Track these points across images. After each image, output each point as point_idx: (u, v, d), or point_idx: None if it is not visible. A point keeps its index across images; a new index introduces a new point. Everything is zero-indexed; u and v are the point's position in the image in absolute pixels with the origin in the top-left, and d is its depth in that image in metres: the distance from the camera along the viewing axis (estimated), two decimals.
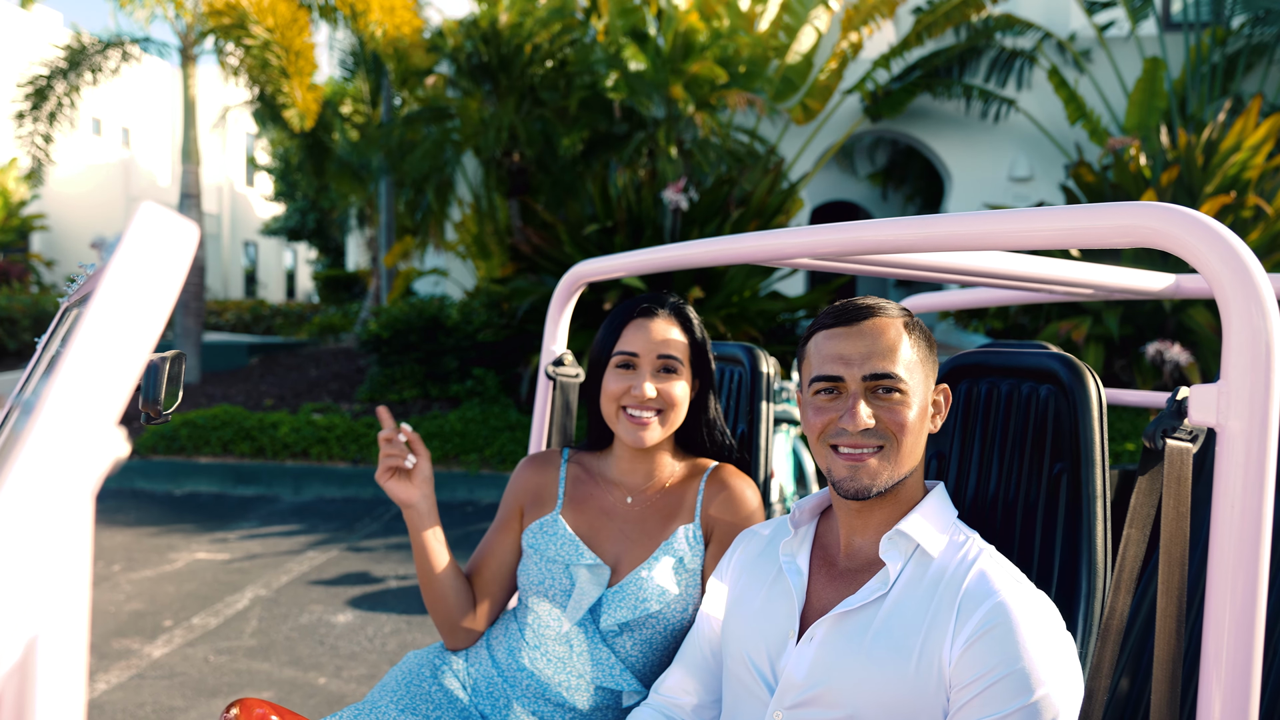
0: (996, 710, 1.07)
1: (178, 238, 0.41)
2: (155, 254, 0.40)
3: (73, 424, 0.37)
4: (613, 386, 1.57)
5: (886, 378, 1.18)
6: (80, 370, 0.37)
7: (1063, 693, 1.07)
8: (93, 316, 0.38)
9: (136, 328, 0.38)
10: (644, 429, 1.55)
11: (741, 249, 1.47)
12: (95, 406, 0.37)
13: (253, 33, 8.81)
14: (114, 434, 0.39)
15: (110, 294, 0.38)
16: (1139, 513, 0.96)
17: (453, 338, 8.95)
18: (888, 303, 1.24)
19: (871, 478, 1.18)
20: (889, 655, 1.14)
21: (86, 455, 0.37)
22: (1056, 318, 7.76)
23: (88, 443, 0.37)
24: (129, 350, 0.38)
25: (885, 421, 1.19)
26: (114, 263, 0.39)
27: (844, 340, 1.21)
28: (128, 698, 3.45)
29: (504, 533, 1.68)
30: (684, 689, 1.41)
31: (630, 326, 1.58)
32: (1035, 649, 1.07)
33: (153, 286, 0.39)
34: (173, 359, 0.98)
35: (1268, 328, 0.88)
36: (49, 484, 0.36)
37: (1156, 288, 1.92)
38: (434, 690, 1.59)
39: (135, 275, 0.39)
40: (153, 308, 0.39)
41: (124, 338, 0.38)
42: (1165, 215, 0.93)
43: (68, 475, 0.36)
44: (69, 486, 0.36)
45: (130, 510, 6.68)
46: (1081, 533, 1.23)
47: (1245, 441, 0.88)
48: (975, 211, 1.13)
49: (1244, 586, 0.88)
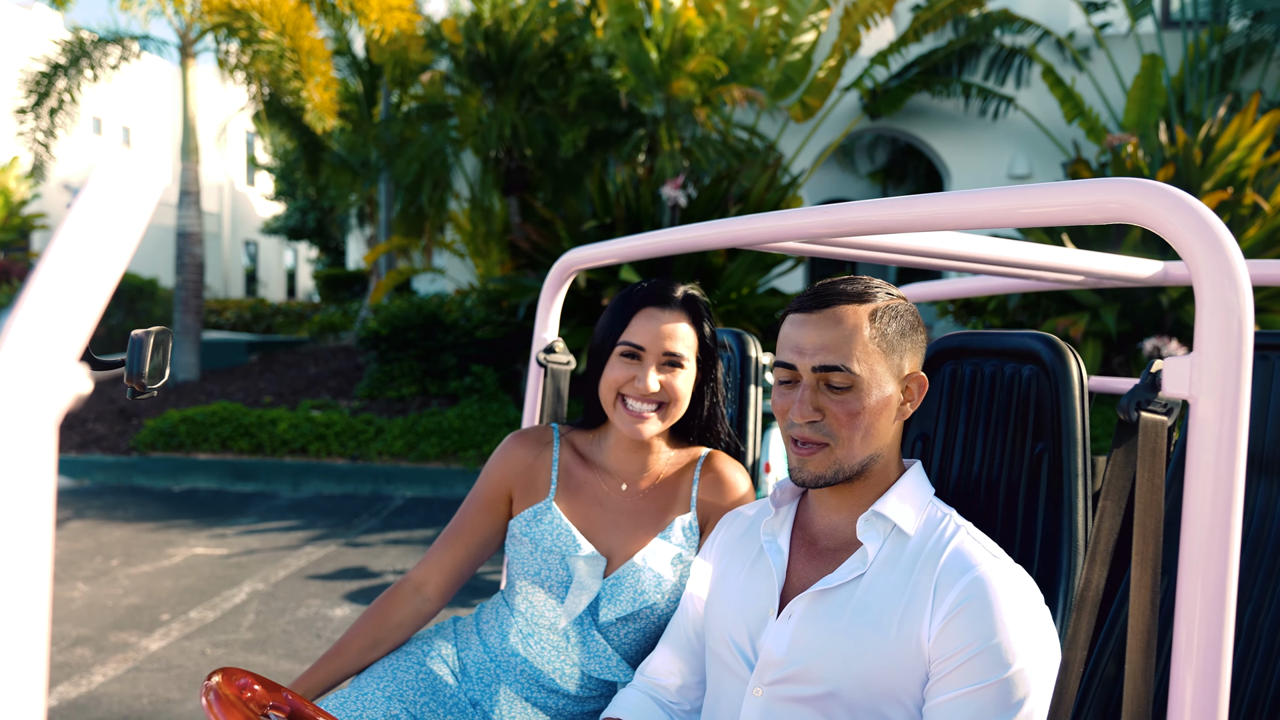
0: (974, 683, 1.08)
1: (141, 181, 0.42)
2: (119, 194, 0.41)
3: (34, 355, 0.38)
4: (615, 374, 1.51)
5: (835, 370, 1.17)
6: (42, 304, 0.38)
7: (1040, 666, 1.08)
8: (55, 252, 0.38)
9: (99, 263, 0.39)
10: (642, 422, 1.50)
11: (730, 231, 1.47)
12: (57, 340, 0.38)
13: (260, 36, 8.81)
14: (75, 369, 0.39)
15: (73, 230, 0.39)
16: (1114, 485, 0.97)
17: (451, 335, 8.96)
18: (865, 285, 1.22)
19: (817, 468, 1.19)
20: (867, 631, 1.15)
21: (48, 387, 0.38)
22: (1055, 314, 7.77)
23: (49, 375, 0.38)
24: (91, 285, 0.39)
25: (832, 415, 1.18)
26: (78, 202, 0.40)
27: (802, 328, 1.21)
28: (125, 690, 3.46)
29: (488, 512, 1.63)
30: (669, 670, 1.42)
31: (640, 316, 1.52)
32: (1013, 623, 1.08)
33: (116, 224, 0.40)
34: (157, 334, 0.98)
35: (1240, 302, 0.89)
36: (8, 416, 0.37)
37: (1145, 274, 1.93)
38: (421, 676, 1.57)
39: (98, 213, 0.40)
40: (116, 245, 0.39)
41: (86, 273, 0.39)
42: (1139, 190, 0.94)
43: (27, 407, 0.37)
44: (29, 418, 0.37)
45: (129, 506, 6.70)
46: (1063, 511, 1.24)
47: (1217, 414, 0.89)
48: (957, 190, 1.14)
49: (1215, 558, 0.89)
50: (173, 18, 9.81)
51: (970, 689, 1.08)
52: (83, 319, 0.39)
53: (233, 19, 8.87)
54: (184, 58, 10.09)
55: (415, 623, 1.61)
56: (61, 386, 0.39)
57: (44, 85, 9.93)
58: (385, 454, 7.69)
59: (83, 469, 7.64)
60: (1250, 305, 0.89)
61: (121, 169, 0.42)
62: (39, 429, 0.38)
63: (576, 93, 9.14)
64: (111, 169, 0.42)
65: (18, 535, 0.38)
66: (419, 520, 6.38)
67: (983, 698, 1.07)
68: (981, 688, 1.07)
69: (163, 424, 7.94)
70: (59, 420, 0.40)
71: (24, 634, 0.39)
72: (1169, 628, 1.43)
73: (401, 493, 7.31)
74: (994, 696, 1.07)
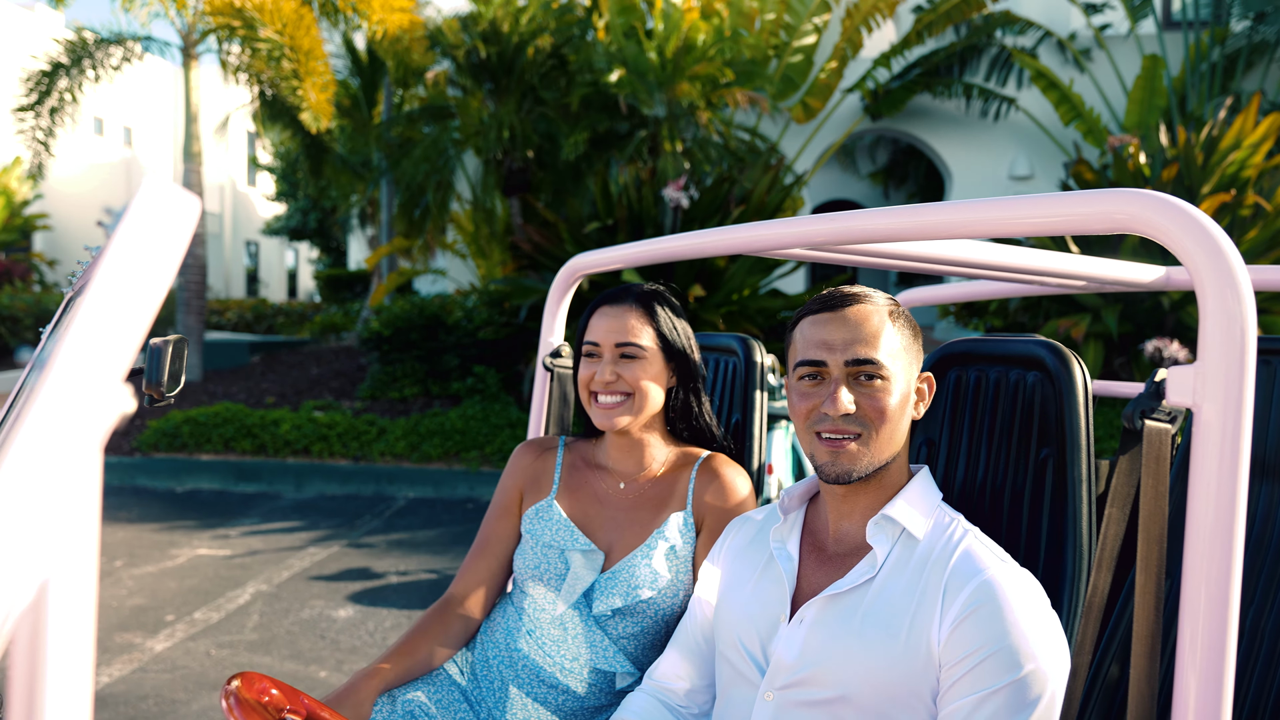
0: (986, 686, 1.09)
1: (180, 209, 0.43)
2: (159, 223, 0.42)
3: (81, 378, 0.39)
4: (583, 374, 1.63)
5: (868, 364, 1.20)
6: (89, 330, 0.40)
7: (1050, 667, 1.09)
8: (101, 278, 0.40)
9: (141, 290, 0.40)
10: (610, 412, 1.59)
11: (736, 239, 1.49)
12: (102, 363, 0.40)
13: (260, 35, 8.82)
14: (120, 390, 0.41)
15: (117, 259, 0.40)
16: (1119, 492, 0.98)
17: (454, 335, 8.98)
18: (874, 291, 1.26)
19: (852, 462, 1.20)
20: (878, 636, 1.16)
21: (94, 408, 0.39)
22: (1056, 315, 7.78)
23: (96, 396, 0.39)
24: (134, 311, 0.41)
25: (865, 408, 1.20)
26: (120, 230, 0.41)
27: (828, 326, 1.23)
28: (130, 690, 3.48)
29: (505, 518, 1.70)
30: (677, 674, 1.43)
31: (596, 316, 1.63)
32: (1022, 625, 1.09)
33: (157, 252, 0.41)
34: (175, 343, 1.00)
35: (1242, 311, 0.90)
36: (60, 434, 0.38)
37: (1147, 279, 1.94)
38: (434, 674, 1.62)
39: (140, 242, 0.41)
40: (157, 273, 0.41)
41: (130, 299, 0.40)
42: (1143, 201, 0.95)
43: (77, 425, 0.39)
44: (79, 436, 0.39)
45: (133, 507, 6.72)
46: (1067, 517, 1.25)
47: (1220, 422, 0.90)
48: (962, 200, 1.15)
49: (1219, 563, 0.90)
50: (174, 18, 9.82)
51: (984, 692, 1.09)
52: (128, 341, 0.41)
53: (234, 19, 8.89)
54: (186, 59, 10.11)
55: (466, 635, 1.66)
56: (108, 406, 0.40)
57: (45, 84, 9.94)
58: (388, 455, 7.71)
59: None
60: (1253, 313, 0.91)
61: (161, 195, 0.44)
62: (88, 448, 0.39)
63: (578, 94, 9.16)
64: (152, 196, 0.43)
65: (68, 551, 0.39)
66: (422, 521, 6.39)
67: (997, 701, 1.08)
68: (995, 690, 1.08)
69: (166, 425, 7.95)
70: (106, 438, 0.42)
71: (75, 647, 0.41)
72: (1170, 630, 1.44)
73: (404, 493, 7.33)
74: (1008, 698, 1.08)
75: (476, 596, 1.67)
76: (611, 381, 1.58)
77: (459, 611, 1.65)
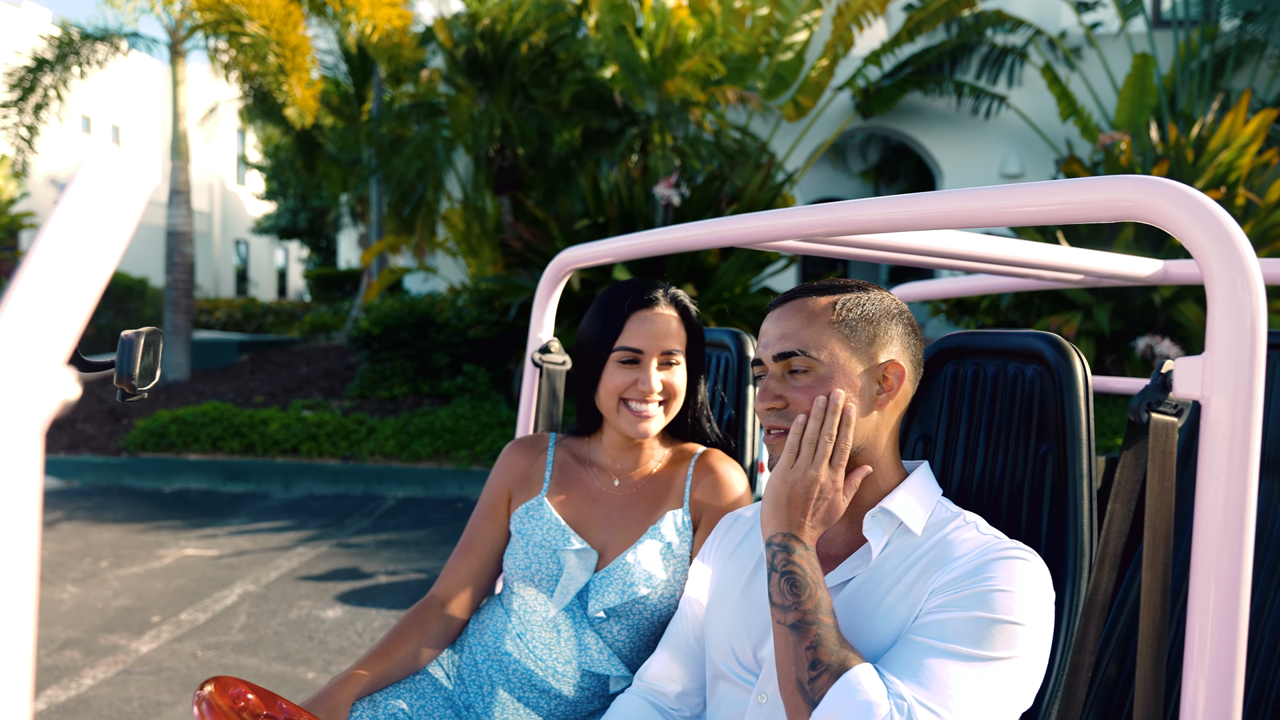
0: (955, 608, 1.03)
1: (132, 176, 0.40)
2: (108, 190, 0.39)
3: (17, 361, 0.36)
4: (616, 380, 1.53)
5: (792, 355, 1.18)
6: (26, 308, 0.36)
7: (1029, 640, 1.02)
8: (41, 250, 0.36)
9: (87, 262, 0.37)
10: (647, 421, 1.53)
11: (728, 231, 1.46)
12: (41, 345, 0.36)
13: (247, 29, 8.76)
14: (62, 374, 0.37)
15: (60, 228, 0.37)
16: (1123, 487, 0.96)
17: (443, 334, 8.93)
18: (837, 284, 1.24)
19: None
20: (872, 630, 1.13)
21: (32, 393, 0.36)
22: (1047, 313, 7.78)
23: (33, 381, 0.36)
24: (77, 287, 0.37)
25: (794, 402, 1.19)
26: (64, 198, 0.38)
27: (769, 323, 1.23)
28: (115, 693, 3.43)
29: (492, 519, 1.65)
30: (669, 676, 1.40)
31: (634, 319, 1.53)
32: (1013, 584, 1.04)
33: (105, 221, 0.38)
34: (148, 334, 0.96)
35: (1252, 301, 0.88)
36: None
37: (1145, 273, 1.92)
38: (419, 680, 1.57)
39: (87, 210, 0.38)
40: (105, 243, 0.37)
41: (74, 272, 0.37)
42: (1149, 188, 0.92)
43: (12, 413, 0.35)
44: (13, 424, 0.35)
45: (119, 507, 6.65)
46: (1067, 513, 1.22)
47: (1229, 414, 0.87)
48: (960, 189, 1.12)
49: (1229, 560, 0.87)
50: (161, 14, 9.74)
51: (949, 614, 1.03)
52: (70, 321, 0.37)
53: (221, 15, 8.82)
54: (174, 55, 10.03)
55: (448, 637, 1.62)
56: (48, 392, 0.37)
57: (29, 80, 9.85)
58: (377, 454, 7.65)
59: (72, 470, 7.58)
60: (1264, 304, 0.88)
61: (110, 164, 0.40)
62: (24, 436, 0.36)
63: (569, 91, 9.11)
64: (100, 164, 0.40)
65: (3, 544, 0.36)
66: (411, 521, 6.35)
67: (956, 624, 1.02)
68: (961, 615, 1.02)
69: (153, 424, 7.88)
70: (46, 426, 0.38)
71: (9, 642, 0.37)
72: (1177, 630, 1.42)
73: (394, 493, 7.28)
74: (969, 627, 1.02)
75: (459, 597, 1.62)
76: (659, 391, 1.53)
77: (440, 612, 1.61)
